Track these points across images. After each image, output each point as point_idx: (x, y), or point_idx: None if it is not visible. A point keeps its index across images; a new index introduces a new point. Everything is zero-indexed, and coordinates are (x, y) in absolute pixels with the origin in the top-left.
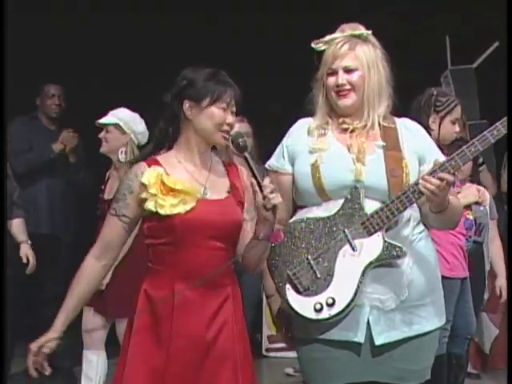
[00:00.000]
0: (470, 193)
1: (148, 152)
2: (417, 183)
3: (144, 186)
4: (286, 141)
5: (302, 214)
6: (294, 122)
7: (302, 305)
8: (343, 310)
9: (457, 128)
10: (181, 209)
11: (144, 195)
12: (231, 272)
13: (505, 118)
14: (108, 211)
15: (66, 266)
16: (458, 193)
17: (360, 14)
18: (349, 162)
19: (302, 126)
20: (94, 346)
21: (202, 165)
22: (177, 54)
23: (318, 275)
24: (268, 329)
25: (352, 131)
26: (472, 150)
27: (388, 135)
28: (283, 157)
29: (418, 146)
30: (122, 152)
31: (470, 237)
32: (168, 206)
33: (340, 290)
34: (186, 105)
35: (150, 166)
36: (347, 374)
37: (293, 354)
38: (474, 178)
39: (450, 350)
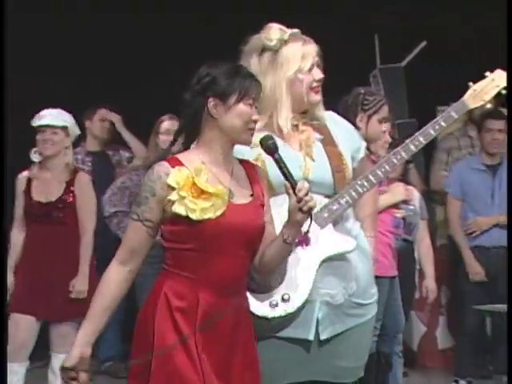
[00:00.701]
0: (397, 191)
1: (171, 152)
2: (365, 176)
3: (170, 188)
4: None
5: None
6: None
7: (257, 303)
8: (301, 306)
9: (383, 127)
10: (211, 214)
11: (173, 197)
12: (246, 280)
13: (448, 110)
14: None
15: None
16: (385, 192)
17: (360, 13)
18: (295, 156)
19: None
20: (22, 357)
21: (224, 166)
22: (177, 54)
23: None
24: None
25: (296, 126)
26: (416, 143)
27: (321, 129)
28: None
29: (350, 142)
30: (65, 154)
31: (400, 235)
32: (199, 211)
33: (295, 286)
34: (211, 103)
35: (172, 166)
36: (287, 375)
37: None
38: (404, 177)
39: (379, 348)
